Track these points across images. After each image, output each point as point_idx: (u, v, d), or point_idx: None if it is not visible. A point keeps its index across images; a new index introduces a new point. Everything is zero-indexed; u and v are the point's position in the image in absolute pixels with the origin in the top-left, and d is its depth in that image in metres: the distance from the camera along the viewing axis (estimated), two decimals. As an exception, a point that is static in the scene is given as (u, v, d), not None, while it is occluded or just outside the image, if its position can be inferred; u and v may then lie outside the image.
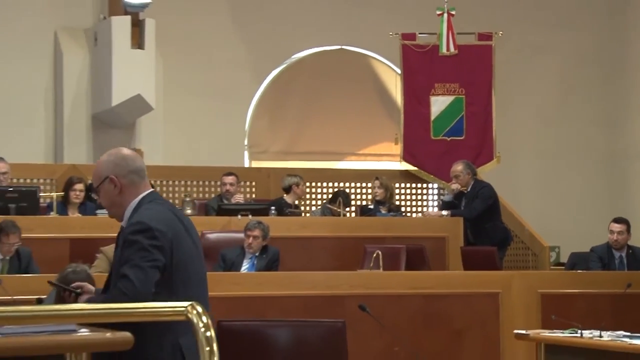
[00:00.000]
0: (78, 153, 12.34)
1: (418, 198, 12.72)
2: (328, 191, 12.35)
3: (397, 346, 7.40)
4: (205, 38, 13.38)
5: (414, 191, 12.69)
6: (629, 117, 14.33)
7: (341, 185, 12.44)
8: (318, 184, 12.48)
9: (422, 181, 12.60)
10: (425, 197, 12.76)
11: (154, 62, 12.31)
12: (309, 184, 12.12)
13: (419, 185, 12.67)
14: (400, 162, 12.49)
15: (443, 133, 12.32)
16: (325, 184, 12.50)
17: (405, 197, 12.63)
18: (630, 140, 14.27)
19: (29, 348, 3.05)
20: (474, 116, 12.32)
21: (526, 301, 7.98)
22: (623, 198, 14.13)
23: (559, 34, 14.44)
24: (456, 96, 12.35)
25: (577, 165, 14.47)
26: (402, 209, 12.06)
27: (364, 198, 12.45)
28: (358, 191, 12.55)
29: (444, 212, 10.61)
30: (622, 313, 7.96)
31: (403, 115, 12.42)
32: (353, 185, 12.55)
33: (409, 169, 12.47)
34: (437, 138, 12.33)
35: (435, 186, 12.67)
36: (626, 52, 14.46)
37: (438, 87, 12.36)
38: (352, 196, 12.17)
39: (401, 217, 11.17)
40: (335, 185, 12.46)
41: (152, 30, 12.19)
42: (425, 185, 12.69)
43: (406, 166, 12.46)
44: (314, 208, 11.95)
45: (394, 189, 11.77)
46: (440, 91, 12.37)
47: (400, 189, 12.53)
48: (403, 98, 12.47)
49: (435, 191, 12.77)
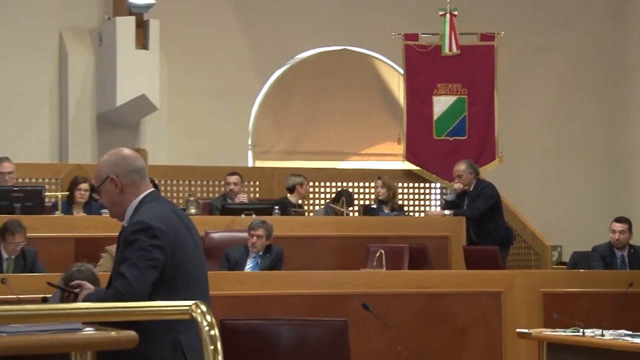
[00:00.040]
0: (83, 153, 12.35)
1: (421, 197, 12.73)
2: (331, 191, 12.35)
3: (400, 345, 7.41)
4: (209, 38, 13.38)
5: (417, 191, 12.71)
6: (631, 117, 14.32)
7: (344, 184, 12.44)
8: (321, 184, 12.50)
9: (425, 181, 12.62)
10: (427, 197, 12.78)
11: (159, 63, 12.31)
12: (313, 184, 12.12)
13: (422, 184, 12.69)
14: (403, 162, 12.50)
15: (445, 133, 12.33)
16: (328, 184, 12.51)
17: (408, 197, 12.65)
18: (631, 140, 14.27)
19: (35, 346, 3.08)
20: (477, 116, 12.33)
21: (528, 300, 7.99)
22: (625, 197, 14.12)
23: (561, 35, 14.44)
24: (459, 96, 12.37)
25: (579, 164, 14.46)
26: (405, 209, 12.04)
27: (367, 197, 12.45)
28: (361, 191, 12.55)
29: (447, 212, 10.61)
30: (624, 312, 7.97)
31: (406, 115, 12.43)
32: (356, 184, 12.55)
33: (412, 169, 12.49)
34: (440, 138, 12.34)
35: (437, 186, 12.69)
36: (628, 52, 14.46)
37: (441, 87, 12.37)
38: (355, 196, 12.16)
39: (404, 217, 11.15)
40: (338, 184, 12.46)
41: (157, 30, 12.19)
42: (427, 184, 12.71)
43: (409, 166, 12.47)
44: (317, 207, 11.95)
45: (397, 189, 11.76)
46: (442, 91, 12.38)
47: (403, 189, 12.54)
48: (406, 98, 12.48)
49: (437, 191, 12.78)
